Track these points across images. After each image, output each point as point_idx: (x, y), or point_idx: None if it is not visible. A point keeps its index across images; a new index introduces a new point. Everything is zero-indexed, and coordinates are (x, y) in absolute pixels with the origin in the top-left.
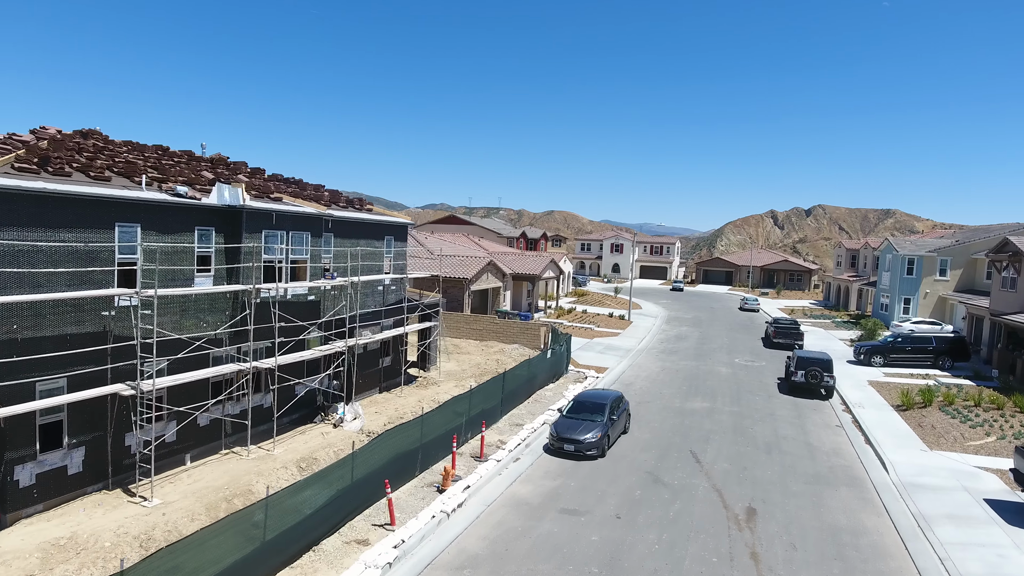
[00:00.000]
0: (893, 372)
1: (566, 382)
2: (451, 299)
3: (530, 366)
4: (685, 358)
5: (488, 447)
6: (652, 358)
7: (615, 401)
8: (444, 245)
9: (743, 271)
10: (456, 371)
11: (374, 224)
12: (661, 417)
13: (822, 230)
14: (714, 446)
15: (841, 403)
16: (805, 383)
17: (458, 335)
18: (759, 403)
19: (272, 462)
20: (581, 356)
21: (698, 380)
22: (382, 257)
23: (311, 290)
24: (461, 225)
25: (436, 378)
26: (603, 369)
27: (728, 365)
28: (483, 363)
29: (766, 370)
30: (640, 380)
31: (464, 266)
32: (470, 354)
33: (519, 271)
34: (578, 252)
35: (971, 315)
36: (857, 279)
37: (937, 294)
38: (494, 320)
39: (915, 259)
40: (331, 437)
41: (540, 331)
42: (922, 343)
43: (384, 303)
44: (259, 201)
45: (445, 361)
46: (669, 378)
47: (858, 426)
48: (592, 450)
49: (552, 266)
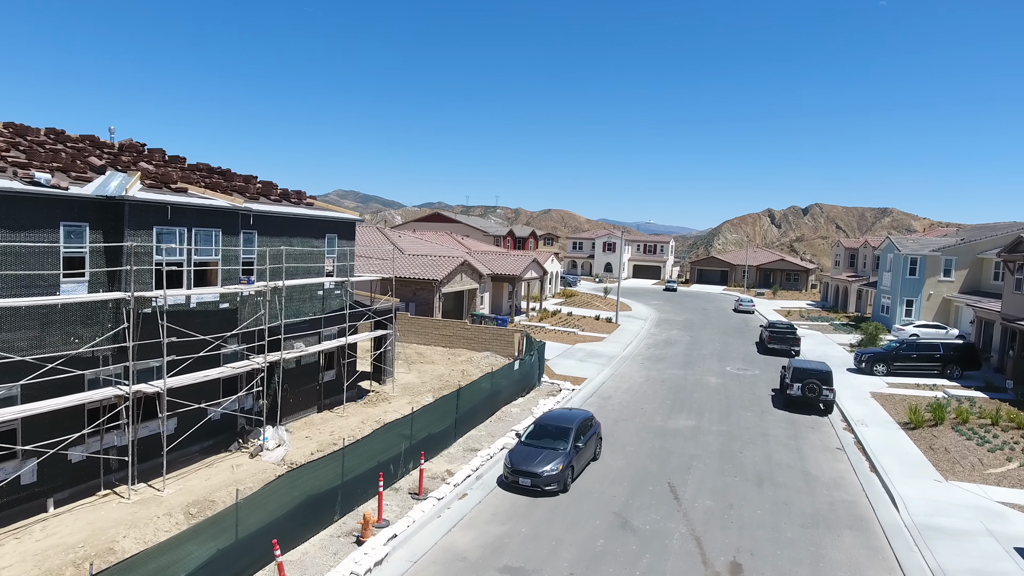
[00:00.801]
0: (897, 382)
1: (537, 396)
2: (421, 302)
3: (493, 379)
4: (672, 366)
5: (432, 480)
6: (636, 366)
7: (583, 424)
8: (420, 244)
9: (739, 271)
10: (414, 384)
11: (311, 220)
12: (639, 439)
13: (819, 229)
14: (697, 476)
15: (842, 419)
16: (802, 397)
17: (427, 341)
18: (751, 420)
19: (156, 507)
20: (559, 364)
21: (684, 392)
22: (322, 257)
23: (224, 297)
24: (447, 223)
25: (390, 393)
26: (580, 380)
27: (719, 374)
28: (447, 374)
29: (760, 380)
30: (620, 393)
31: (435, 266)
32: (434, 363)
33: (499, 271)
34: (570, 251)
35: (980, 319)
36: (856, 279)
37: (941, 296)
38: (465, 325)
39: (918, 259)
40: (243, 471)
41: (514, 337)
42: (928, 350)
43: (324, 310)
44: (152, 192)
45: (405, 372)
46: (653, 390)
47: (861, 449)
48: (552, 484)
49: (534, 266)
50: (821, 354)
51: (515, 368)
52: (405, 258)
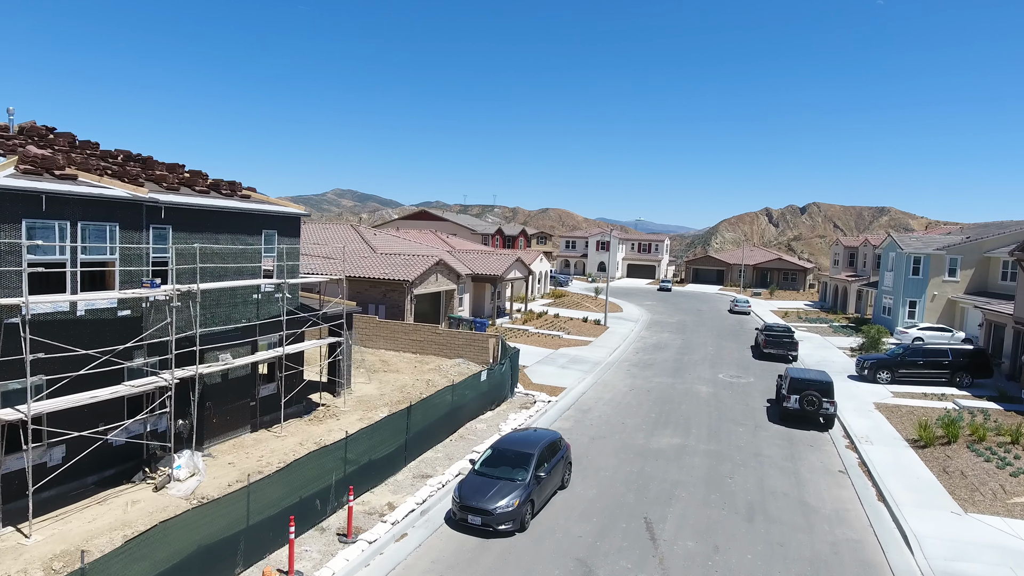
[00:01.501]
0: (903, 391)
1: (508, 409)
2: (391, 305)
3: (455, 392)
4: (661, 373)
5: (368, 515)
6: (622, 374)
7: (547, 448)
8: (396, 243)
9: (735, 270)
10: (372, 396)
11: (244, 215)
12: (616, 461)
13: (817, 227)
14: (679, 509)
15: (844, 435)
16: (800, 411)
17: (396, 347)
18: (743, 438)
19: (12, 561)
20: (537, 372)
21: (672, 404)
22: (258, 256)
23: (125, 303)
24: (433, 221)
25: (342, 407)
26: (559, 390)
27: (710, 382)
28: (410, 385)
29: (754, 389)
30: (601, 405)
31: (406, 266)
32: (399, 372)
33: (479, 271)
34: (563, 250)
35: (990, 322)
36: (856, 279)
37: (946, 296)
38: (436, 330)
39: (921, 258)
40: (139, 509)
41: (489, 343)
42: (936, 356)
43: (261, 315)
44: (25, 179)
45: (364, 382)
46: (637, 401)
47: (867, 472)
48: (507, 523)
49: (518, 265)
50: (820, 359)
51: (482, 379)
52: (376, 257)
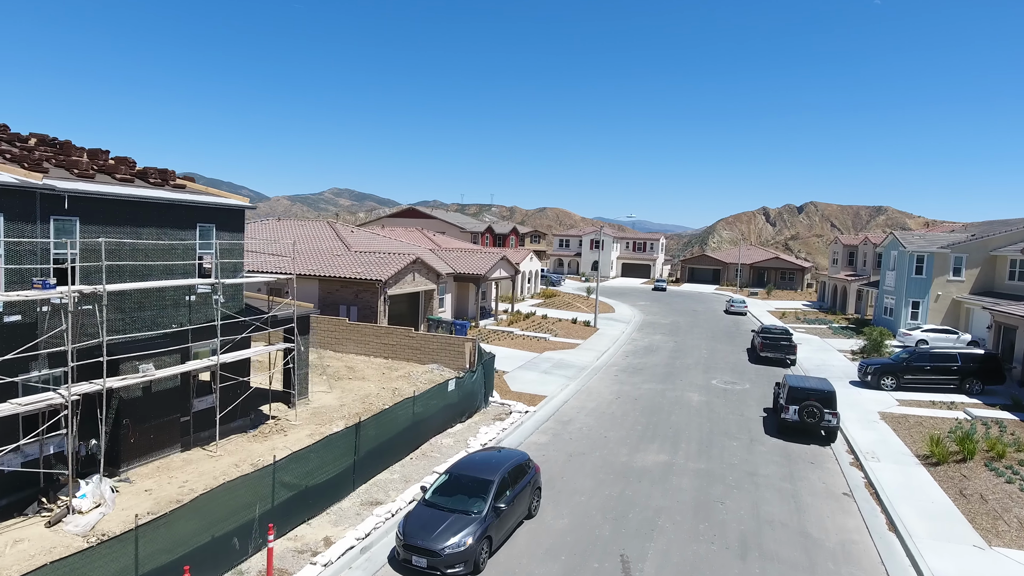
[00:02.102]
0: (909, 399)
1: (481, 421)
2: (363, 306)
3: (416, 405)
4: (650, 379)
5: (298, 555)
6: (609, 380)
7: (511, 472)
8: (374, 241)
9: (731, 269)
10: (331, 408)
11: (173, 206)
12: (594, 483)
13: (814, 227)
14: (661, 544)
15: (847, 450)
16: (799, 423)
17: (366, 351)
18: (737, 453)
19: None
20: (517, 378)
21: (660, 414)
22: (192, 253)
23: (11, 306)
24: (422, 219)
25: (293, 421)
26: (538, 399)
27: (702, 389)
28: (375, 394)
29: (750, 396)
30: (583, 415)
31: (380, 265)
32: (365, 379)
33: (462, 271)
34: (556, 249)
35: (999, 324)
36: (856, 279)
37: (950, 297)
38: (410, 334)
39: (925, 256)
40: (18, 551)
41: (465, 348)
42: (944, 361)
43: (195, 320)
44: None
45: (324, 392)
46: (623, 411)
47: (875, 494)
48: (457, 565)
49: (504, 264)
50: (819, 363)
51: (450, 389)
52: (350, 256)
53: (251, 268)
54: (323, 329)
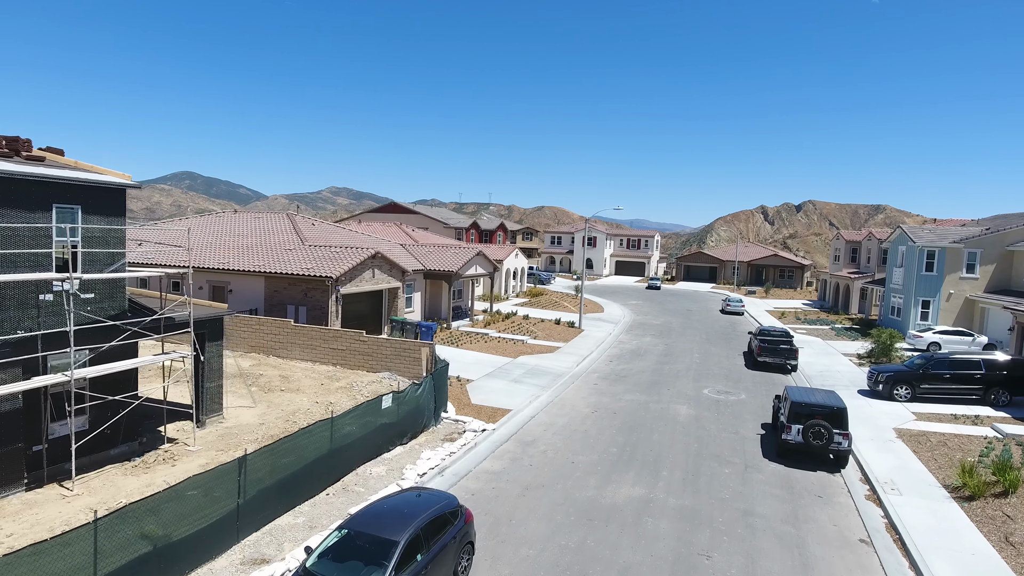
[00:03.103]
0: (927, 411)
1: (428, 442)
2: (313, 306)
3: (336, 427)
4: (634, 388)
5: None
6: (587, 389)
7: (427, 527)
8: (336, 234)
9: (728, 267)
10: (247, 426)
11: (17, 181)
12: (549, 528)
13: (812, 225)
14: None
15: (861, 478)
16: (804, 446)
17: (313, 357)
18: (729, 484)
19: None
20: (482, 388)
21: (641, 432)
22: (47, 240)
23: None
24: (403, 214)
25: (192, 446)
26: (501, 413)
27: (692, 401)
28: (306, 409)
29: (745, 409)
30: (550, 434)
31: (333, 260)
32: (299, 391)
33: (432, 267)
34: (548, 246)
35: (1021, 325)
36: (859, 276)
37: (963, 295)
38: (361, 337)
39: (936, 251)
40: None
41: (422, 353)
42: (966, 368)
43: (53, 323)
44: None
45: (248, 406)
46: (598, 429)
47: (900, 542)
48: None
49: (480, 260)
50: (823, 368)
51: (385, 406)
52: (302, 251)
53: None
54: (266, 332)
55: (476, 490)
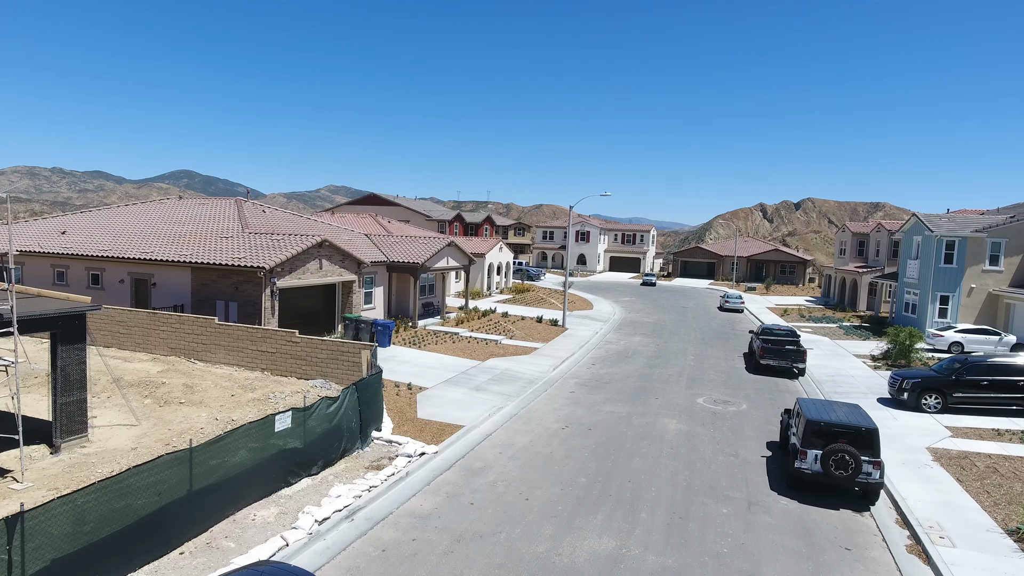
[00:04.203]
0: (963, 425)
1: (347, 471)
2: (245, 301)
3: (197, 460)
4: (616, 397)
5: None
6: (561, 399)
7: None
8: (285, 222)
9: (727, 262)
10: (117, 451)
11: None
12: None
13: (811, 223)
14: None
15: (897, 519)
16: (823, 476)
17: (240, 361)
18: (727, 531)
19: None
20: (435, 398)
21: (619, 455)
22: None
23: None
24: (383, 206)
25: (18, 484)
26: (450, 430)
27: (684, 413)
28: (201, 427)
29: (747, 423)
30: (506, 459)
31: (268, 249)
32: (202, 404)
33: (396, 259)
34: (540, 241)
35: None
36: (867, 270)
37: (986, 290)
38: (293, 338)
39: (956, 242)
40: None
41: (362, 356)
42: (1009, 374)
43: None
44: None
45: (129, 424)
46: (566, 451)
47: None
48: None
49: (453, 252)
50: (834, 372)
51: (279, 428)
52: (240, 238)
53: (111, 254)
54: (186, 332)
55: (389, 543)
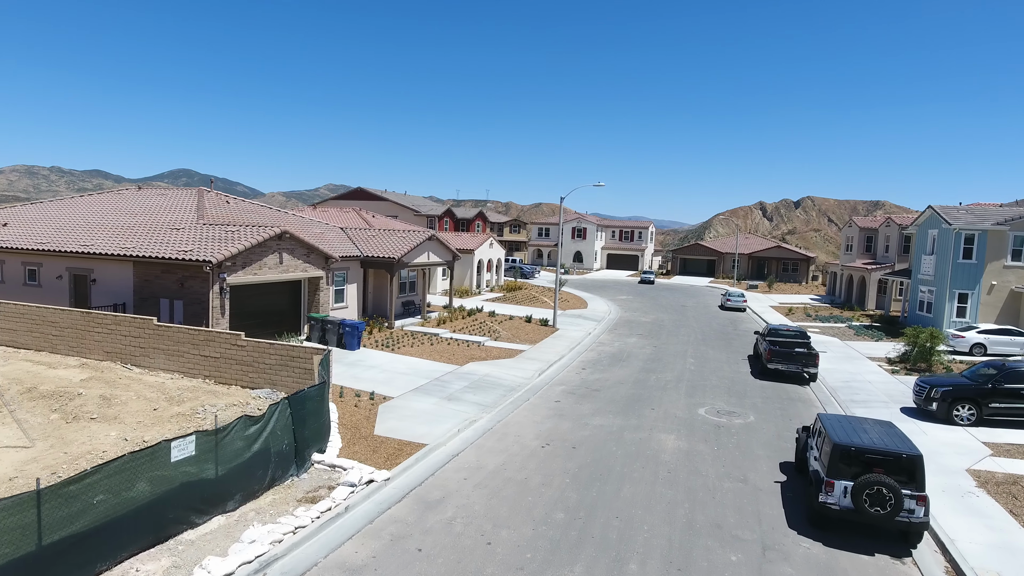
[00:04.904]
0: (1003, 441)
1: (274, 505)
2: (191, 300)
3: (47, 504)
4: (606, 408)
5: None
6: (544, 410)
7: None
8: (250, 212)
9: (727, 260)
10: None
11: None
12: None
13: (811, 221)
14: None
15: (948, 569)
16: (855, 514)
17: (181, 367)
18: None
19: None
20: (400, 409)
21: (607, 484)
22: None
23: None
24: (370, 200)
25: None
26: (410, 450)
27: (683, 426)
28: (106, 451)
29: (755, 439)
30: (470, 487)
31: (218, 241)
32: (117, 420)
33: (371, 253)
34: (535, 238)
35: None
36: (876, 267)
37: (1008, 287)
38: (238, 342)
39: (975, 235)
40: None
41: (314, 362)
42: None
43: None
44: None
45: (21, 445)
46: (543, 476)
47: None
48: None
49: (434, 247)
50: (848, 377)
51: (175, 458)
52: (192, 230)
53: (48, 248)
54: (123, 334)
55: None
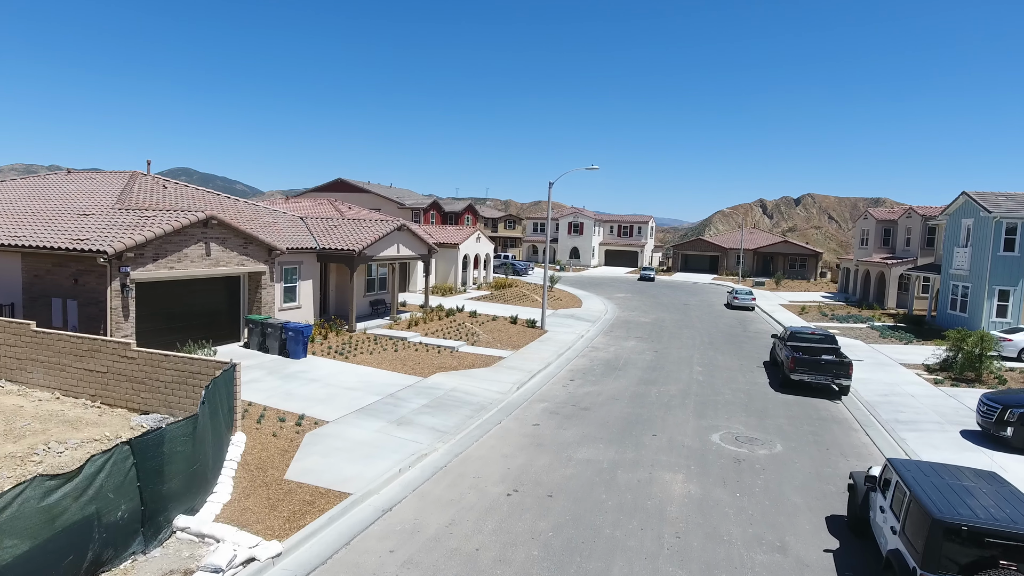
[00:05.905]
0: None
1: None
2: (86, 299)
3: None
4: (596, 435)
5: None
6: (516, 438)
7: None
8: (189, 198)
9: (731, 256)
10: None
11: None
12: None
13: (812, 219)
14: None
15: None
16: None
17: (60, 384)
18: None
19: None
20: (333, 437)
21: (591, 559)
22: None
23: None
24: (351, 192)
25: None
26: (330, 501)
27: (694, 460)
28: None
29: (788, 480)
30: (393, 568)
31: (124, 227)
32: None
33: (328, 245)
34: (530, 234)
35: None
36: (897, 262)
37: None
38: (129, 353)
39: (1019, 225)
40: None
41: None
42: None
43: None
44: None
45: None
46: (501, 547)
47: None
48: None
49: (405, 239)
50: (886, 390)
51: None
52: (103, 216)
53: None
54: None
55: None
